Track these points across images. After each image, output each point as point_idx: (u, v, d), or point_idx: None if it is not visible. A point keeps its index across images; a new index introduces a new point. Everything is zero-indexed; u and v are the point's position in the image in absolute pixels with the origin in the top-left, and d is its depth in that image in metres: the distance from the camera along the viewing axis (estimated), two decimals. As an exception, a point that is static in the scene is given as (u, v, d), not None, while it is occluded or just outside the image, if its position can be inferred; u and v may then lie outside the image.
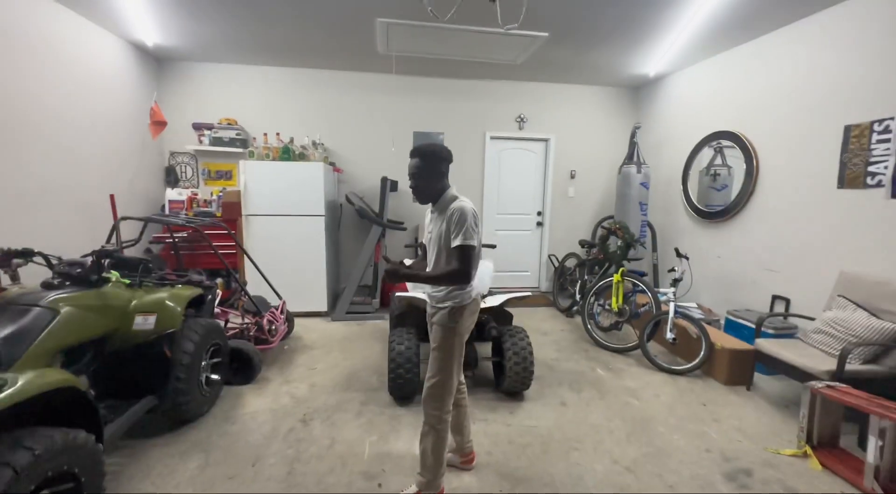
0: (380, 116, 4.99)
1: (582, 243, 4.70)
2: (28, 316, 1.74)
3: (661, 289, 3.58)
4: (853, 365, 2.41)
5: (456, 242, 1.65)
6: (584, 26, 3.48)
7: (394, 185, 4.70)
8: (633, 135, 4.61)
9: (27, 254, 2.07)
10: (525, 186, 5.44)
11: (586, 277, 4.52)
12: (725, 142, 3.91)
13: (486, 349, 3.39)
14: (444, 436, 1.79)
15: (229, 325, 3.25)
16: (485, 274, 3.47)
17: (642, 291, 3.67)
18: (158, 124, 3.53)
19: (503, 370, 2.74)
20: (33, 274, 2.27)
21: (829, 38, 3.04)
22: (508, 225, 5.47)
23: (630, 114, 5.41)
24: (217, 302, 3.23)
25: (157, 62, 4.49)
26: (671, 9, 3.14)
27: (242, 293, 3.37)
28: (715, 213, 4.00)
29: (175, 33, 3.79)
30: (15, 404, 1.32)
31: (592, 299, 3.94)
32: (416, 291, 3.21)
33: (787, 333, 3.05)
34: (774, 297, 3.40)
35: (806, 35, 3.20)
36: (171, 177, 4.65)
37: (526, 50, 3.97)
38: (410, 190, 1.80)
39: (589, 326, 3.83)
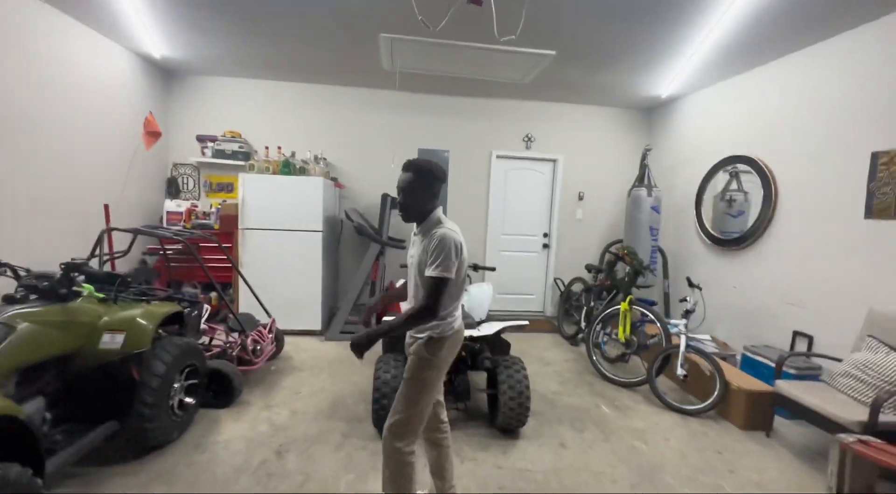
0: (384, 133, 4.93)
1: (589, 267, 4.50)
2: (-21, 332, 1.62)
3: (672, 320, 3.35)
4: (888, 416, 2.15)
5: (430, 272, 1.50)
6: (592, 46, 3.38)
7: (395, 203, 4.59)
8: (643, 158, 4.45)
9: (-7, 265, 1.97)
10: (531, 207, 5.29)
11: (592, 304, 4.30)
12: (742, 167, 3.72)
13: (481, 378, 3.20)
14: (410, 474, 1.61)
15: (213, 342, 3.12)
16: (483, 298, 3.31)
17: (652, 321, 3.44)
18: (152, 135, 3.49)
19: (497, 404, 2.53)
20: (10, 286, 2.17)
21: (854, 60, 2.88)
22: (513, 246, 5.30)
23: (641, 136, 5.26)
24: (206, 317, 3.11)
25: (164, 74, 4.51)
26: (682, 29, 3.02)
27: (228, 312, 3.24)
28: (730, 241, 3.79)
29: (182, 46, 3.80)
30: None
31: (598, 327, 3.72)
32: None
33: (810, 375, 2.80)
34: (796, 334, 3.15)
35: (829, 57, 3.04)
36: (173, 189, 4.61)
37: (533, 69, 3.89)
38: (398, 206, 1.68)
39: (594, 357, 3.60)
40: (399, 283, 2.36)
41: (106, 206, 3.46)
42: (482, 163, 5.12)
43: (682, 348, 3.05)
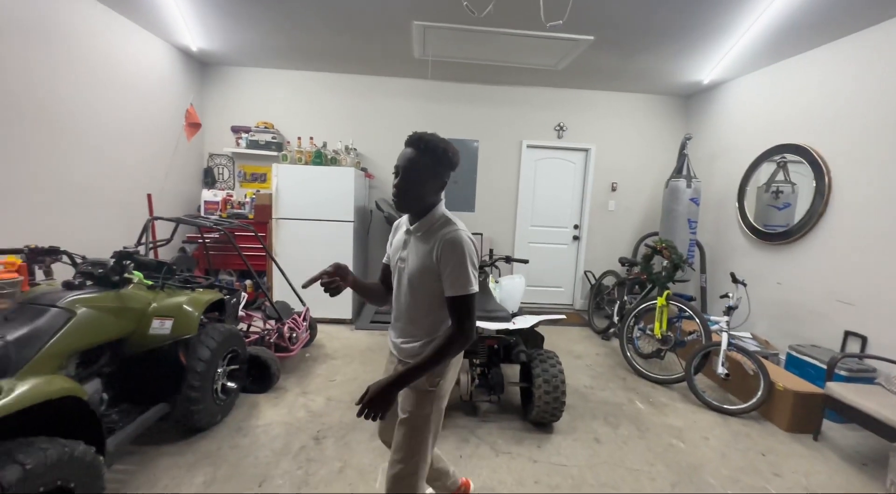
0: (413, 122, 4.90)
1: (622, 261, 4.38)
2: (44, 316, 1.70)
3: (713, 317, 3.23)
4: (954, 424, 2.03)
5: (456, 290, 1.22)
6: (632, 29, 3.24)
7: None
8: (682, 147, 4.28)
9: (53, 253, 2.07)
10: (562, 198, 5.18)
11: (626, 298, 4.20)
12: (791, 157, 3.52)
13: (513, 371, 3.18)
14: None
15: (251, 330, 3.21)
16: (515, 290, 3.28)
17: (689, 317, 3.33)
18: (193, 126, 3.58)
19: (531, 398, 2.51)
20: (68, 271, 2.28)
21: (924, 40, 2.66)
22: (543, 238, 5.22)
23: (679, 124, 5.05)
24: (243, 304, 3.20)
25: (200, 66, 4.60)
26: (732, 10, 2.85)
27: (265, 300, 3.32)
28: (775, 235, 3.61)
29: (218, 38, 3.86)
30: (16, 412, 1.26)
31: (632, 322, 3.63)
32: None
33: (864, 377, 2.65)
34: (847, 334, 2.99)
35: (892, 40, 2.82)
36: (209, 179, 4.74)
37: (568, 55, 3.77)
38: (393, 189, 1.31)
39: (628, 352, 3.52)
40: None
41: (149, 196, 3.58)
42: (512, 152, 5.04)
43: (724, 346, 2.94)
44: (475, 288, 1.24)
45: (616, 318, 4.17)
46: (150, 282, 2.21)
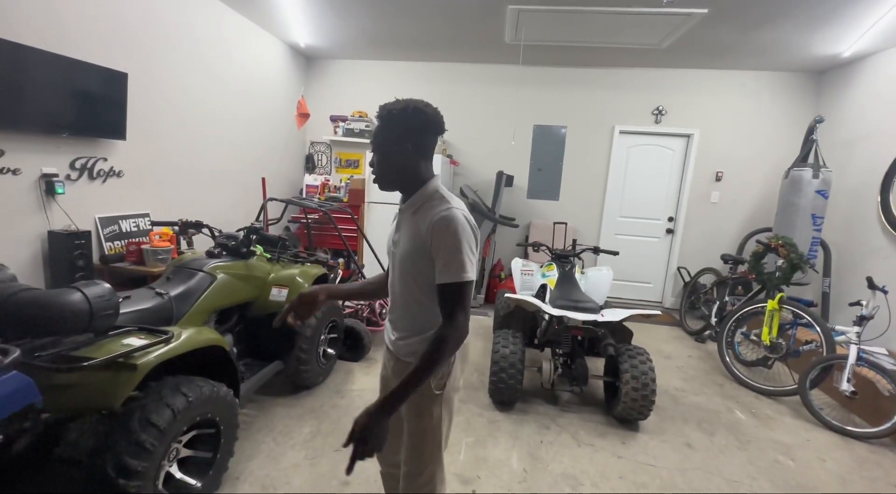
0: (500, 109, 4.87)
1: (726, 258, 4.00)
2: (194, 278, 2.04)
3: (838, 327, 2.84)
4: None
5: (447, 277, 1.05)
6: (756, 0, 2.88)
7: (509, 180, 4.56)
8: (810, 132, 3.73)
9: (198, 226, 2.45)
10: (656, 188, 4.82)
11: (727, 298, 3.83)
12: (961, 142, 2.91)
13: (596, 364, 3.10)
14: None
15: (346, 304, 3.50)
16: (601, 282, 3.18)
17: (807, 325, 2.96)
18: (303, 116, 3.93)
19: (617, 393, 2.44)
20: (204, 242, 2.70)
21: None
22: (632, 230, 4.93)
23: (806, 105, 4.40)
24: (338, 281, 3.50)
25: (305, 60, 5.01)
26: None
27: (360, 275, 3.59)
28: (931, 236, 3.03)
29: (323, 33, 4.16)
30: (177, 355, 1.53)
31: (734, 325, 3.31)
32: (525, 293, 3.06)
33: None
34: None
35: None
36: (310, 164, 5.18)
37: (675, 31, 3.46)
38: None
39: (727, 357, 3.24)
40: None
41: (263, 180, 4.03)
42: (602, 139, 4.79)
43: (852, 360, 2.57)
44: (470, 275, 1.06)
45: (714, 320, 3.83)
46: (268, 255, 2.53)
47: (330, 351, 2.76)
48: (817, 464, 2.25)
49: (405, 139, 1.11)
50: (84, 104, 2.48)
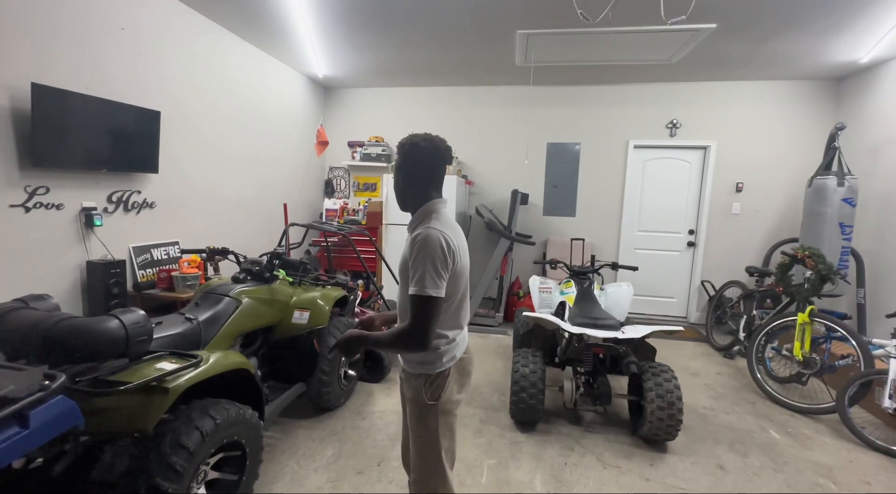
0: (513, 129, 4.95)
1: (751, 270, 3.89)
2: (221, 303, 2.11)
3: (875, 340, 2.71)
4: None
5: (413, 289, 1.19)
6: (765, 11, 2.89)
7: (524, 198, 4.59)
8: (832, 139, 3.66)
9: (224, 253, 2.55)
10: (675, 201, 4.77)
11: (755, 312, 3.71)
12: None
13: (619, 383, 3.03)
14: None
15: (366, 325, 3.54)
16: (621, 298, 3.13)
17: (842, 338, 2.84)
18: (322, 144, 4.09)
19: (642, 412, 2.38)
20: (230, 268, 2.80)
21: None
22: (651, 244, 4.86)
23: (826, 112, 4.33)
24: (357, 302, 3.56)
25: (323, 90, 5.23)
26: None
27: (378, 296, 3.64)
28: (971, 242, 2.89)
29: (339, 64, 4.36)
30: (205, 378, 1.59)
31: (763, 340, 3.20)
32: (544, 311, 3.04)
33: None
34: None
35: None
36: (329, 189, 5.34)
37: (685, 46, 3.49)
38: None
39: (758, 374, 3.12)
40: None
41: (285, 206, 4.18)
42: (617, 154, 4.79)
43: (893, 375, 2.45)
44: (432, 291, 1.16)
45: (742, 335, 3.71)
46: (290, 279, 2.60)
47: (351, 372, 2.79)
48: (862, 487, 2.12)
49: (404, 168, 1.34)
50: (121, 141, 2.66)
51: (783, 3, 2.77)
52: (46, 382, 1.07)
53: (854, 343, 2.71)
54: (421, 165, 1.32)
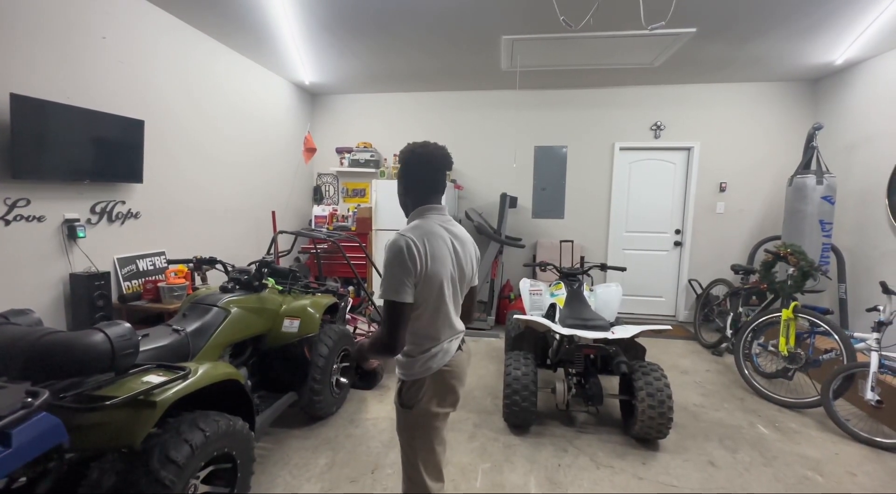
0: (500, 133, 4.99)
1: (736, 268, 3.96)
2: (209, 314, 2.09)
3: (857, 334, 2.78)
4: None
5: (380, 292, 1.25)
6: (742, 14, 2.97)
7: (513, 202, 4.63)
8: (810, 139, 3.76)
9: (212, 262, 2.52)
10: (661, 202, 4.85)
11: (741, 309, 3.78)
12: (963, 142, 2.91)
13: (611, 383, 3.06)
14: None
15: (357, 331, 3.52)
16: (611, 299, 3.17)
17: (825, 333, 2.90)
18: (310, 151, 4.07)
19: (633, 411, 2.40)
20: (218, 278, 2.77)
21: None
22: (639, 244, 4.93)
23: (804, 112, 4.45)
24: (348, 308, 3.54)
25: (310, 97, 5.22)
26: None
27: (369, 302, 3.63)
28: (944, 236, 2.99)
29: (325, 71, 4.35)
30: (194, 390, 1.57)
31: (750, 337, 3.26)
32: (535, 313, 3.06)
33: None
34: None
35: None
36: (318, 195, 5.32)
37: (667, 50, 3.57)
38: None
39: (746, 370, 3.17)
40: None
41: (273, 213, 4.15)
42: (603, 156, 4.86)
43: (874, 367, 2.51)
44: (394, 296, 1.18)
45: (729, 332, 3.77)
46: (280, 288, 2.58)
47: (343, 380, 2.77)
48: (848, 479, 2.17)
49: (401, 176, 1.41)
50: (104, 152, 2.62)
51: (759, 6, 2.85)
52: (29, 399, 1.05)
53: (837, 337, 2.77)
54: (416, 172, 1.36)
